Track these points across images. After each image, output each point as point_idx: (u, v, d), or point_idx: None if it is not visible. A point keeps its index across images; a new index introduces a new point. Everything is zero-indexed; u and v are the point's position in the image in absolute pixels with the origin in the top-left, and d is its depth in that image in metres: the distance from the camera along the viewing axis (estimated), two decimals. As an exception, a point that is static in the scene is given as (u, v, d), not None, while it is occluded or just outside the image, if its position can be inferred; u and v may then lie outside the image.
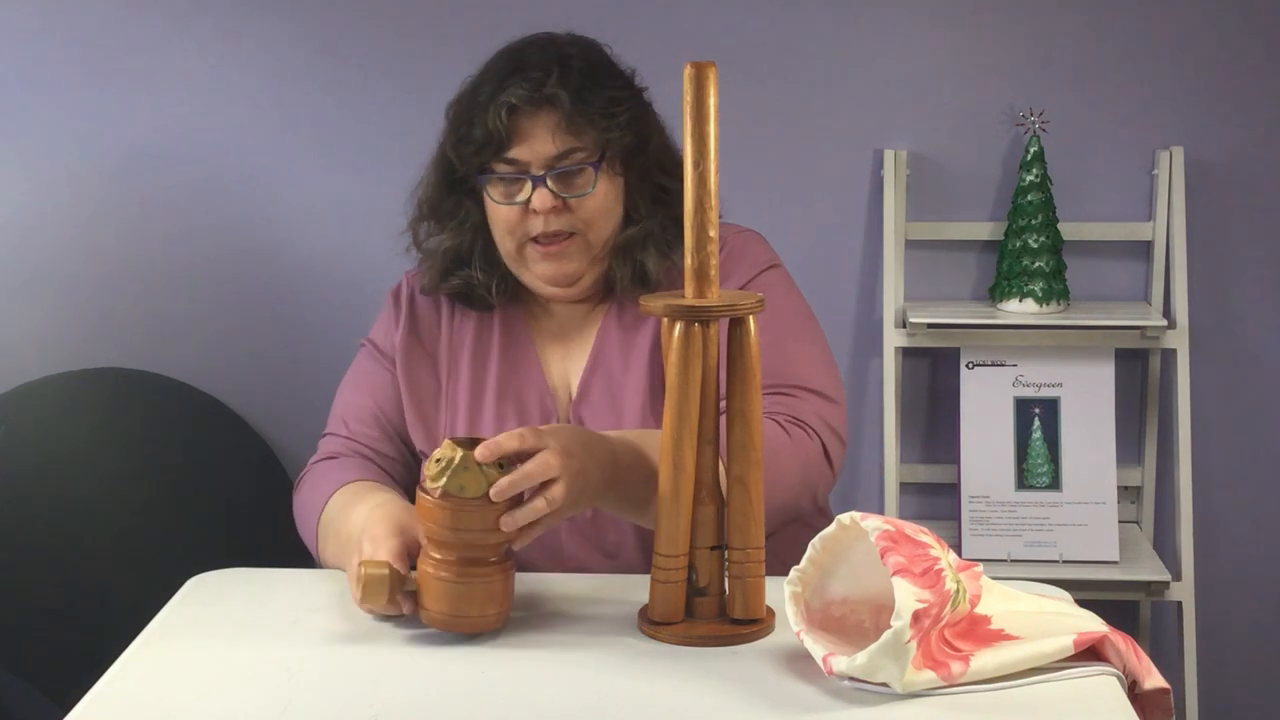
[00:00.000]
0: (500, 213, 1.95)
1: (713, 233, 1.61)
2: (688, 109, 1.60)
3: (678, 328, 1.60)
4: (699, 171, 1.60)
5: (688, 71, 1.60)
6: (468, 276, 2.00)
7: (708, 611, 1.64)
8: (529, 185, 1.92)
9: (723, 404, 1.68)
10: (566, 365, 2.01)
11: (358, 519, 1.77)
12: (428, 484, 1.60)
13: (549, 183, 1.91)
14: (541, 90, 1.91)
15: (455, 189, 2.01)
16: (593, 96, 1.93)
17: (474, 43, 2.90)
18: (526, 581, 1.69)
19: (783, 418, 1.86)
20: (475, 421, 1.98)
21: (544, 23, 2.05)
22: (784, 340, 1.92)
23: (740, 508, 1.62)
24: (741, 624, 1.63)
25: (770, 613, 1.65)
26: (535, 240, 1.94)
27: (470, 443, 1.60)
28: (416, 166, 2.92)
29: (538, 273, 1.96)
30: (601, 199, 1.94)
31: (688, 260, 1.62)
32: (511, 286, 2.02)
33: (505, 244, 1.97)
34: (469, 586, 1.59)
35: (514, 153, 1.92)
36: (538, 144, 1.91)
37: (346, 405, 2.05)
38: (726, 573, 1.65)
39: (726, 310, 1.62)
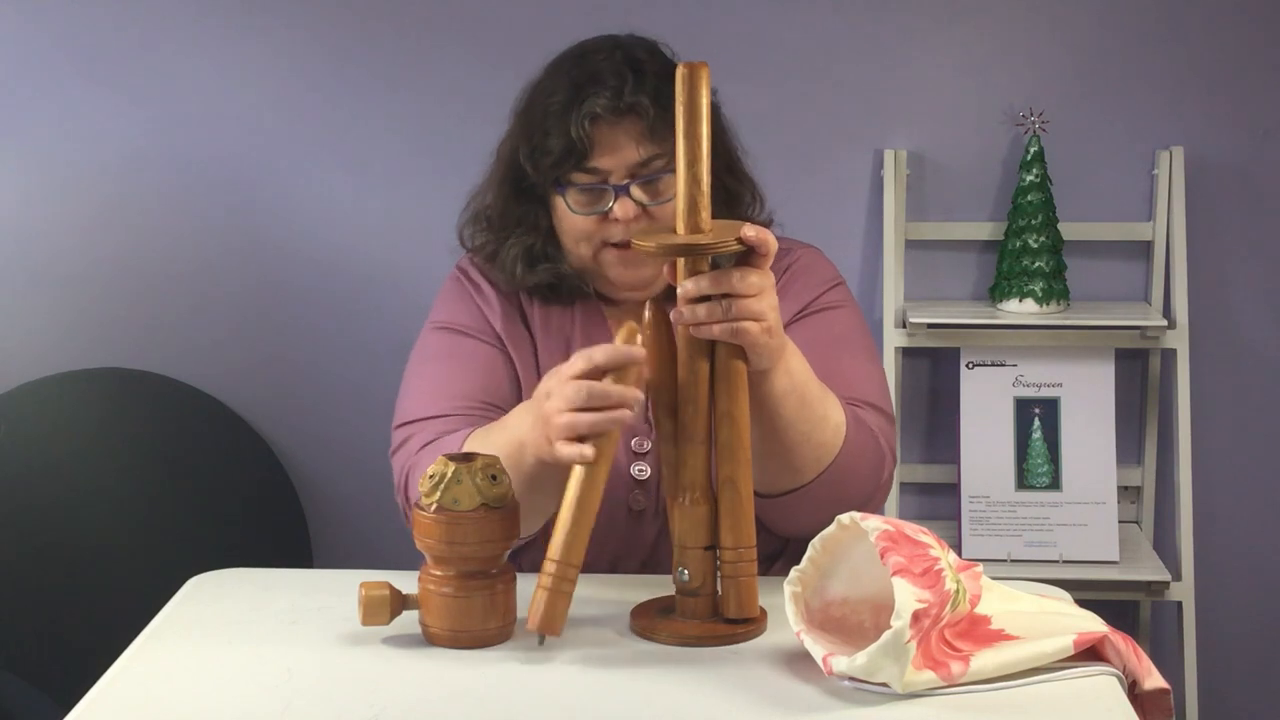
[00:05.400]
0: (575, 221, 1.90)
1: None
2: (681, 109, 1.60)
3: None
4: (692, 172, 1.60)
5: (680, 72, 1.60)
6: (553, 270, 1.95)
7: (700, 612, 1.64)
8: (610, 195, 1.88)
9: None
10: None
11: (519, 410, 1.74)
12: (422, 500, 1.60)
13: (632, 191, 1.88)
14: (623, 99, 1.86)
15: (524, 197, 1.96)
16: (671, 103, 1.82)
17: (476, 44, 2.92)
18: (524, 582, 1.69)
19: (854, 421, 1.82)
20: None
21: (545, 24, 2.05)
22: (845, 355, 1.89)
23: (731, 508, 1.62)
24: (735, 624, 1.63)
25: (763, 612, 1.65)
26: (611, 245, 1.90)
27: (462, 457, 1.61)
28: (417, 167, 2.95)
29: (612, 276, 1.93)
30: None
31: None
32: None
33: (579, 250, 1.92)
34: (469, 600, 1.59)
35: (596, 162, 1.87)
36: (622, 153, 1.87)
37: (445, 384, 1.92)
38: (719, 573, 1.64)
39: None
